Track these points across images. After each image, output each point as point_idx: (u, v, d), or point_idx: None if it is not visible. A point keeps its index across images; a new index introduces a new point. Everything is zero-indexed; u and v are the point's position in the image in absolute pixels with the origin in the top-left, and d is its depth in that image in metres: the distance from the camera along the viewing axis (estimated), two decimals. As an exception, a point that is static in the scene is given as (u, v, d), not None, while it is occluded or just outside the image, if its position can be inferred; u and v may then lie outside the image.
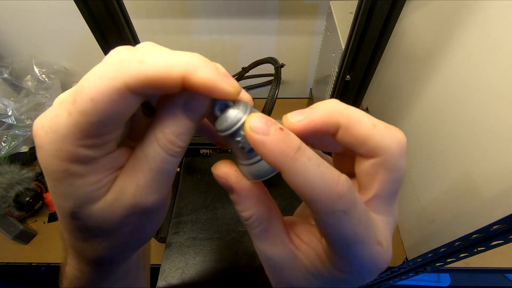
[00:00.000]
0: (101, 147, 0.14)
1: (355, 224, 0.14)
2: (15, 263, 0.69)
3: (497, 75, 0.41)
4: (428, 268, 0.52)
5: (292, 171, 0.13)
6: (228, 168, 0.17)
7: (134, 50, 0.14)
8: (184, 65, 0.13)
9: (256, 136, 0.14)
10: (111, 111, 0.13)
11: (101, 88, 0.13)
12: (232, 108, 0.16)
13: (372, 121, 0.15)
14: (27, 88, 0.84)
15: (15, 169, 0.71)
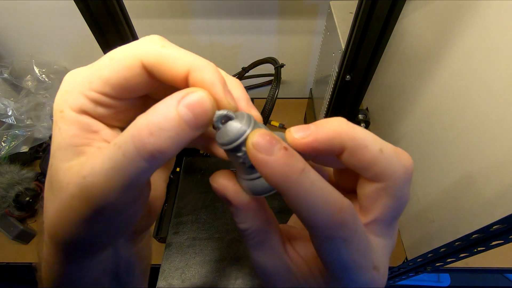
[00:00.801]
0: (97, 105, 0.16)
1: (353, 251, 0.14)
2: (15, 263, 0.69)
3: (497, 75, 0.41)
4: (428, 268, 0.52)
5: (294, 195, 0.13)
6: (226, 180, 0.16)
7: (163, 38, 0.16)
8: (195, 60, 0.15)
9: (259, 155, 0.13)
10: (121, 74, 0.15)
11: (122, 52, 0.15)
12: (235, 121, 0.15)
13: (379, 145, 0.15)
14: (27, 88, 0.84)
15: (15, 169, 0.71)
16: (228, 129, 0.14)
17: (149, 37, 0.16)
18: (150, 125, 0.12)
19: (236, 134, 0.14)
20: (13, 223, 0.69)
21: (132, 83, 0.15)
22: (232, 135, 0.14)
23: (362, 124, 0.59)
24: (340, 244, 0.14)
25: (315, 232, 0.14)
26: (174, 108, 0.13)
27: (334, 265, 0.15)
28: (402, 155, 0.15)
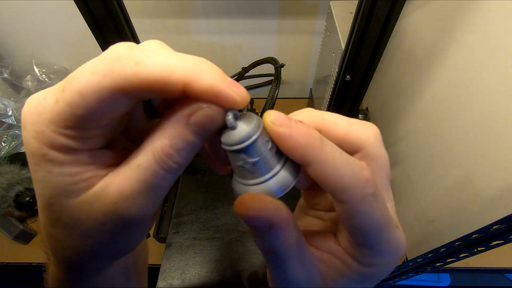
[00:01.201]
0: (83, 140, 0.14)
1: (382, 207, 0.14)
2: (15, 263, 0.69)
3: (497, 75, 0.41)
4: (428, 268, 0.52)
5: (321, 161, 0.13)
6: (261, 201, 0.14)
7: (135, 48, 0.13)
8: (186, 71, 0.12)
9: (280, 129, 0.13)
10: (99, 108, 0.12)
11: (91, 83, 0.12)
12: (243, 120, 0.14)
13: (346, 120, 0.16)
14: (27, 88, 0.84)
15: (15, 169, 0.71)
16: (237, 130, 0.14)
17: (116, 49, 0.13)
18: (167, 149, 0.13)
19: (246, 134, 0.14)
20: (13, 223, 0.69)
21: (114, 110, 0.13)
22: (243, 135, 0.14)
23: (362, 124, 0.59)
24: (372, 202, 0.14)
25: (346, 196, 0.14)
26: (184, 128, 0.13)
27: (369, 228, 0.14)
28: (367, 123, 0.17)
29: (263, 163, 0.14)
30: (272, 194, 0.14)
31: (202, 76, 0.13)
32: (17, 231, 0.69)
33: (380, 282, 0.71)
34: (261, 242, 0.15)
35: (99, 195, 0.14)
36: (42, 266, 0.20)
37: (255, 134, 0.14)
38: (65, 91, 0.13)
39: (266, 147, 0.14)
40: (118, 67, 0.12)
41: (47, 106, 0.13)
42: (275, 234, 0.14)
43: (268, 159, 0.15)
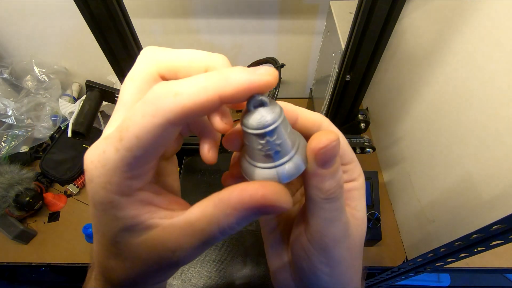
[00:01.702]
0: (142, 177, 0.15)
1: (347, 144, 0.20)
2: (15, 263, 0.69)
3: (497, 75, 0.41)
4: (428, 268, 0.52)
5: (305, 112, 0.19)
6: (332, 132, 0.16)
7: (168, 83, 0.14)
8: (216, 83, 0.14)
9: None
10: (155, 144, 0.14)
11: (144, 125, 0.14)
12: (269, 107, 0.15)
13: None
14: (27, 88, 0.84)
15: (15, 169, 0.71)
16: (264, 114, 0.15)
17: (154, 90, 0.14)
18: (233, 225, 0.15)
19: (271, 119, 0.15)
20: (13, 223, 0.69)
21: (166, 141, 0.15)
22: (267, 120, 0.15)
23: (362, 125, 0.59)
24: (334, 126, 0.19)
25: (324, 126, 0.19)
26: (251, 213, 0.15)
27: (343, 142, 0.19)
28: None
29: (282, 147, 0.15)
30: (286, 177, 0.16)
31: (230, 80, 0.14)
32: (17, 231, 0.69)
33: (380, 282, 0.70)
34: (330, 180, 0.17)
35: (159, 241, 0.16)
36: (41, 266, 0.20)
37: (280, 118, 0.15)
38: (123, 139, 0.14)
39: (286, 132, 0.15)
40: (161, 104, 0.13)
41: (108, 158, 0.14)
42: (338, 162, 0.17)
43: (286, 144, 0.16)
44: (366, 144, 0.59)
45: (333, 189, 0.17)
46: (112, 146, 0.14)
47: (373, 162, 0.83)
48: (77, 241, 0.71)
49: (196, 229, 0.15)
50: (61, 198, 0.77)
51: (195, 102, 0.13)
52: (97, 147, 0.15)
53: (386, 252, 0.67)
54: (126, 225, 0.15)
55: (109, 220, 0.16)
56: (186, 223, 0.16)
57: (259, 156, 0.16)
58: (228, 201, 0.15)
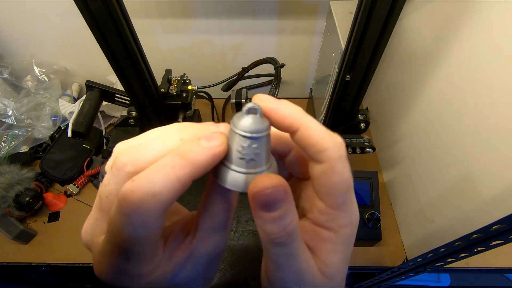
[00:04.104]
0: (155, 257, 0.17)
1: (350, 169, 0.17)
2: (15, 263, 0.69)
3: (497, 75, 0.41)
4: (428, 268, 0.52)
5: (306, 126, 0.16)
6: (277, 176, 0.16)
7: (145, 183, 0.15)
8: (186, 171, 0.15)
9: (271, 104, 0.17)
10: (152, 240, 0.16)
11: (138, 234, 0.15)
12: (261, 118, 0.16)
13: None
14: (27, 88, 0.84)
15: (15, 169, 0.71)
16: (257, 121, 0.16)
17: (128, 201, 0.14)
18: None
19: (262, 127, 0.16)
20: (13, 223, 0.69)
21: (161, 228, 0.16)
22: (259, 127, 0.16)
23: (362, 125, 0.59)
24: (344, 161, 0.16)
25: (326, 155, 0.16)
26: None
27: (340, 184, 0.17)
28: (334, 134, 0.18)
29: (264, 155, 0.17)
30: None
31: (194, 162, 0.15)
32: (17, 231, 0.69)
33: (380, 282, 0.70)
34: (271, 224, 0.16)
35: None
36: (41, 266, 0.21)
37: (267, 131, 0.16)
38: (118, 245, 0.15)
39: (266, 148, 0.17)
40: (146, 213, 0.14)
41: (112, 263, 0.16)
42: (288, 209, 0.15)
43: (263, 157, 0.17)
44: (366, 144, 0.59)
45: (276, 235, 0.16)
46: (116, 258, 0.16)
47: (373, 162, 0.83)
48: (77, 241, 0.71)
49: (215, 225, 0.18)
50: (61, 198, 0.77)
51: (173, 194, 0.14)
52: (105, 264, 0.16)
53: (386, 252, 0.67)
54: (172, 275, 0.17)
55: (162, 284, 0.17)
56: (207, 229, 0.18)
57: (236, 158, 0.16)
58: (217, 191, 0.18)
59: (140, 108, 0.62)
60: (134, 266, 0.16)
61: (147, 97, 0.58)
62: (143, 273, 0.16)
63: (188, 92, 0.66)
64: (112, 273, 0.16)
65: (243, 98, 0.67)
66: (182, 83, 0.66)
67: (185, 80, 0.68)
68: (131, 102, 0.65)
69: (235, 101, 0.66)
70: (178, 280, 0.18)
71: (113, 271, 0.16)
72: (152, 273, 0.17)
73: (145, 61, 0.53)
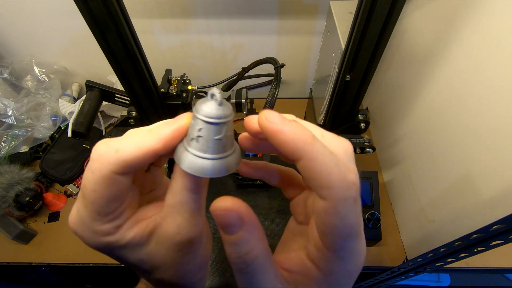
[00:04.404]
0: (120, 216, 0.17)
1: (358, 215, 0.15)
2: (15, 263, 0.69)
3: (497, 75, 0.41)
4: (428, 268, 0.52)
5: (311, 157, 0.14)
6: (238, 201, 0.16)
7: (108, 141, 0.16)
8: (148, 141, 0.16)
9: (273, 125, 0.15)
10: (112, 193, 0.16)
11: (96, 180, 0.16)
12: (224, 105, 0.16)
13: (321, 132, 0.17)
14: (27, 88, 0.84)
15: (15, 169, 0.71)
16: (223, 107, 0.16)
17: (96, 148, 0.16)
18: None
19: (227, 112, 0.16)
20: (13, 223, 0.69)
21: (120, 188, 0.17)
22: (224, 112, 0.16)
23: (362, 125, 0.59)
24: (352, 205, 0.14)
25: (330, 193, 0.14)
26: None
27: (341, 229, 0.15)
28: (341, 138, 0.17)
29: (227, 141, 0.16)
30: (210, 172, 0.16)
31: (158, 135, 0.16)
32: (17, 231, 0.69)
33: (380, 282, 0.70)
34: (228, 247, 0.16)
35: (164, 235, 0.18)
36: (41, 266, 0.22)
37: (229, 118, 0.16)
38: (85, 196, 0.16)
39: (228, 134, 0.17)
40: (105, 160, 0.16)
41: (82, 215, 0.17)
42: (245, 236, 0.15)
43: (230, 141, 0.17)
44: (366, 144, 0.59)
45: (233, 259, 0.16)
46: (81, 204, 0.17)
47: (373, 162, 0.83)
48: (77, 241, 0.70)
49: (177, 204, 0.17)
50: (61, 198, 0.77)
51: (133, 157, 0.16)
52: (73, 210, 0.17)
53: (386, 252, 0.67)
54: (133, 246, 0.18)
55: (119, 253, 0.18)
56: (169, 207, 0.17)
57: (194, 142, 0.16)
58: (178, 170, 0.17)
59: (140, 108, 0.62)
60: (92, 217, 0.16)
61: (147, 97, 0.58)
62: (99, 229, 0.17)
63: (188, 92, 0.66)
64: (76, 221, 0.17)
65: (243, 98, 0.67)
66: (182, 83, 0.66)
67: (185, 80, 0.67)
68: (131, 102, 0.65)
69: (235, 101, 0.66)
70: (141, 256, 0.18)
71: (76, 218, 0.17)
72: (109, 233, 0.17)
73: (145, 61, 0.53)
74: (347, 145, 0.17)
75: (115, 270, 0.71)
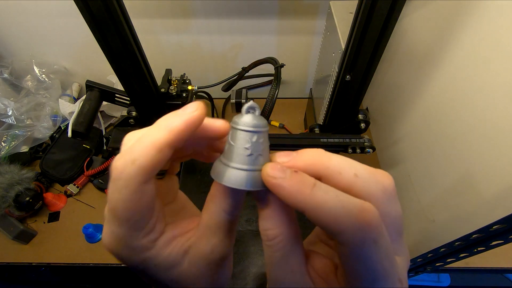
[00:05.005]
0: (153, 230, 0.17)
1: (383, 257, 0.14)
2: (15, 263, 0.69)
3: (497, 75, 0.41)
4: (428, 268, 0.52)
5: (312, 207, 0.14)
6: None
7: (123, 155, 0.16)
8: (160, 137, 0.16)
9: (273, 180, 0.15)
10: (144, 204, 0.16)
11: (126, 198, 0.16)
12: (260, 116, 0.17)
13: (354, 170, 0.15)
14: (27, 88, 0.84)
15: (15, 169, 0.71)
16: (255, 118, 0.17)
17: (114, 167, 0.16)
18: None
19: (262, 123, 0.17)
20: (13, 223, 0.69)
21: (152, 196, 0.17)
22: (259, 122, 0.16)
23: (362, 125, 0.59)
24: (371, 248, 0.13)
25: (343, 239, 0.14)
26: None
27: (365, 276, 0.14)
28: (379, 175, 0.16)
29: (264, 153, 0.17)
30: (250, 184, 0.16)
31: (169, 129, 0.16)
32: (17, 231, 0.69)
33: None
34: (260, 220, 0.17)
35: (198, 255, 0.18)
36: (42, 266, 0.22)
37: (267, 128, 0.17)
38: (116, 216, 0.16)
39: (267, 145, 0.17)
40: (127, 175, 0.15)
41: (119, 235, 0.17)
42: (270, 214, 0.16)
43: (266, 153, 0.17)
44: (366, 144, 0.59)
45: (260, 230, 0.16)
46: (114, 225, 0.16)
47: (373, 162, 0.83)
48: (77, 241, 0.71)
49: (214, 226, 0.18)
50: (61, 198, 0.77)
51: (150, 161, 0.15)
52: (106, 232, 0.17)
53: (386, 252, 0.67)
54: (168, 264, 0.18)
55: (153, 271, 0.18)
56: (205, 227, 0.18)
57: (235, 155, 0.16)
58: (219, 191, 0.18)
59: (140, 108, 0.62)
60: (128, 234, 0.16)
61: (147, 97, 0.58)
62: (137, 245, 0.17)
63: (188, 92, 0.66)
64: (112, 241, 0.17)
65: (243, 98, 0.67)
66: (182, 83, 0.66)
67: (185, 80, 0.68)
68: (131, 102, 0.65)
69: (235, 101, 0.66)
70: (173, 276, 0.18)
71: (112, 238, 0.17)
72: (147, 248, 0.17)
73: (145, 61, 0.53)
74: (386, 182, 0.16)
75: (115, 270, 0.71)
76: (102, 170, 0.78)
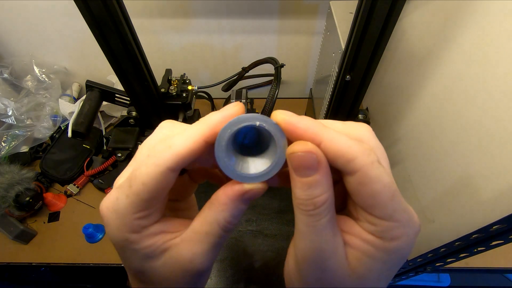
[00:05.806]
0: (151, 216, 0.18)
1: (389, 173, 0.16)
2: (15, 263, 0.69)
3: (497, 75, 0.41)
4: (428, 268, 0.52)
5: (330, 137, 0.16)
6: (314, 145, 0.16)
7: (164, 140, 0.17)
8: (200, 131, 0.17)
9: (292, 118, 0.17)
10: (158, 188, 0.17)
11: (149, 174, 0.16)
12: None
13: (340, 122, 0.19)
14: (27, 88, 0.84)
15: (15, 169, 0.71)
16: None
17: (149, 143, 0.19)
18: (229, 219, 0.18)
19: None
20: (13, 223, 0.69)
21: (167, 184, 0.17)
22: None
23: (362, 124, 0.59)
24: (379, 166, 0.16)
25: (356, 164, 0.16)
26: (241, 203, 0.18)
27: (382, 192, 0.16)
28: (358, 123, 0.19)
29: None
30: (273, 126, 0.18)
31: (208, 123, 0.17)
32: (17, 231, 0.69)
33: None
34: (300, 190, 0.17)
35: (175, 258, 0.18)
36: (42, 266, 0.22)
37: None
38: (132, 186, 0.17)
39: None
40: (161, 155, 0.17)
41: (120, 203, 0.17)
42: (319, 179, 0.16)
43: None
44: (366, 144, 0.59)
45: (302, 201, 0.17)
46: (123, 193, 0.17)
47: (373, 162, 0.82)
48: (77, 241, 0.71)
49: (202, 234, 0.18)
50: (61, 198, 0.77)
51: (186, 148, 0.17)
52: (111, 195, 0.18)
53: (386, 252, 0.67)
54: (144, 254, 0.18)
55: (129, 254, 0.18)
56: (193, 232, 0.18)
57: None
58: (218, 200, 0.18)
59: (140, 108, 0.62)
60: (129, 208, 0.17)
61: (147, 97, 0.58)
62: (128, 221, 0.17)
63: (188, 92, 0.66)
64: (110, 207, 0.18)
65: (243, 98, 0.67)
66: (182, 83, 0.66)
67: (185, 80, 0.68)
68: (131, 102, 0.65)
69: (235, 101, 0.66)
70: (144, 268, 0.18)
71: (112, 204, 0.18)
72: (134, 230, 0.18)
73: (145, 61, 0.53)
74: (366, 125, 0.19)
75: (115, 270, 0.71)
76: (102, 170, 0.78)
